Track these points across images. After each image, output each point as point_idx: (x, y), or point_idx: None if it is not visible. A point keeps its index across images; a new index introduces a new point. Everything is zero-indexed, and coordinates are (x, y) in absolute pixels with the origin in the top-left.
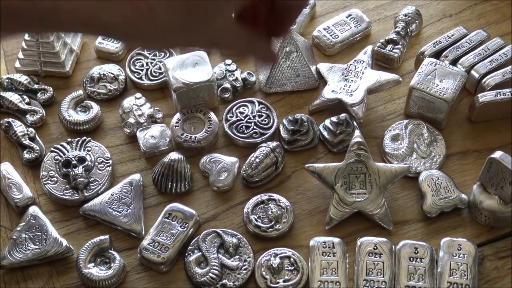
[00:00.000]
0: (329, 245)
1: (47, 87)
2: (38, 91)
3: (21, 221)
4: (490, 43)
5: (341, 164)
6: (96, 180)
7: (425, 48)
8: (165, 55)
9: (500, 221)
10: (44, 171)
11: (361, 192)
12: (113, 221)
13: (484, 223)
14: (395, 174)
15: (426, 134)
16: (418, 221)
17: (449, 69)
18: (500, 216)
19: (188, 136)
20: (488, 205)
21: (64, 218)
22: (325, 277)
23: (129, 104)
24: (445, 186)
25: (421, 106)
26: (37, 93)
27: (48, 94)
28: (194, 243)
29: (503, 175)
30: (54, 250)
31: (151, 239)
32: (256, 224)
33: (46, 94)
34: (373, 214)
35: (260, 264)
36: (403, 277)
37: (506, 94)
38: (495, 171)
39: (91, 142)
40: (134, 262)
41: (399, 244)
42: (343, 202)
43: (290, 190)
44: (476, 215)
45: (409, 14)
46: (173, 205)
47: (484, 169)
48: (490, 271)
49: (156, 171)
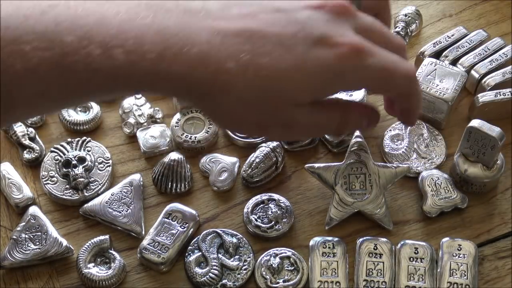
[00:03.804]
0: (329, 245)
1: None
2: None
3: (21, 221)
4: (490, 43)
5: (341, 164)
6: (96, 180)
7: (425, 48)
8: None
9: (487, 186)
10: (44, 171)
11: (361, 192)
12: (113, 221)
13: (472, 192)
14: (395, 175)
15: (426, 134)
16: (418, 221)
17: (449, 69)
18: (486, 182)
19: (188, 136)
20: (473, 172)
21: (64, 218)
22: (325, 277)
23: (129, 104)
24: (445, 186)
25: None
26: None
27: None
28: (194, 243)
29: (484, 142)
30: (54, 250)
31: (151, 239)
32: (256, 224)
33: None
34: (373, 214)
35: (260, 264)
36: (403, 277)
37: (506, 94)
38: (474, 139)
39: (91, 142)
40: (134, 262)
41: (399, 244)
42: (343, 202)
43: (290, 190)
44: (463, 185)
45: (409, 14)
46: (173, 205)
47: (464, 139)
48: (490, 271)
49: (156, 171)
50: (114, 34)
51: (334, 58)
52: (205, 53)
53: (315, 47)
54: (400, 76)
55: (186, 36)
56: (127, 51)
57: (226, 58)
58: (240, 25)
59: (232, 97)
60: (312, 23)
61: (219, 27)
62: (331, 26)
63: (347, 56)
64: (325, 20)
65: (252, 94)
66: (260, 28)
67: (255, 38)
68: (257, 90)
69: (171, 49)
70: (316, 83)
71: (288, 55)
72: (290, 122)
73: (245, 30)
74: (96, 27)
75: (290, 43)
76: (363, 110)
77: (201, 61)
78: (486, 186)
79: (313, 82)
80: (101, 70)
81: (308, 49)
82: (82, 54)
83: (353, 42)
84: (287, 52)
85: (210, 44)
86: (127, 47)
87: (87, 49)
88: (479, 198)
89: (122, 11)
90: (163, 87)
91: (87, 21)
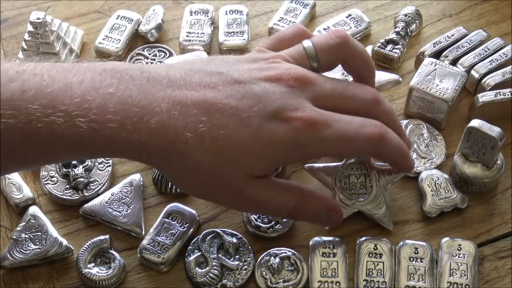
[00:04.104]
0: (329, 245)
1: None
2: None
3: (21, 221)
4: (490, 43)
5: (341, 164)
6: (96, 180)
7: (425, 48)
8: (165, 55)
9: (487, 186)
10: (44, 171)
11: (361, 192)
12: (113, 221)
13: (473, 192)
14: (395, 175)
15: (426, 134)
16: (418, 221)
17: (449, 69)
18: (486, 182)
19: None
20: (473, 172)
21: (64, 218)
22: (325, 277)
23: None
24: (445, 186)
25: (421, 106)
26: None
27: None
28: (194, 243)
29: (483, 142)
30: (54, 250)
31: (151, 239)
32: (256, 224)
33: None
34: (372, 214)
35: (260, 264)
36: (403, 277)
37: (506, 94)
38: (474, 139)
39: None
40: (134, 262)
41: (399, 244)
42: (343, 203)
43: None
44: (463, 185)
45: (409, 14)
46: (173, 205)
47: (464, 139)
48: (490, 271)
49: (156, 171)
50: (78, 103)
51: (288, 132)
52: (164, 123)
53: (270, 121)
54: (362, 142)
55: (147, 105)
56: (89, 120)
57: (184, 129)
58: (199, 96)
59: (189, 164)
60: (268, 96)
61: (179, 97)
62: (287, 99)
63: (301, 130)
64: (281, 92)
65: (208, 161)
66: (218, 100)
67: (212, 110)
68: (214, 158)
69: (131, 119)
70: (270, 155)
71: (244, 127)
72: (244, 195)
73: (203, 101)
74: (60, 96)
75: (246, 116)
76: (324, 205)
77: (159, 130)
78: (486, 186)
79: (267, 154)
80: (64, 137)
81: (262, 122)
82: (47, 122)
83: (307, 116)
84: (243, 124)
85: (169, 114)
86: (90, 116)
87: (51, 117)
88: (479, 198)
89: (87, 79)
90: (124, 153)
91: (52, 89)
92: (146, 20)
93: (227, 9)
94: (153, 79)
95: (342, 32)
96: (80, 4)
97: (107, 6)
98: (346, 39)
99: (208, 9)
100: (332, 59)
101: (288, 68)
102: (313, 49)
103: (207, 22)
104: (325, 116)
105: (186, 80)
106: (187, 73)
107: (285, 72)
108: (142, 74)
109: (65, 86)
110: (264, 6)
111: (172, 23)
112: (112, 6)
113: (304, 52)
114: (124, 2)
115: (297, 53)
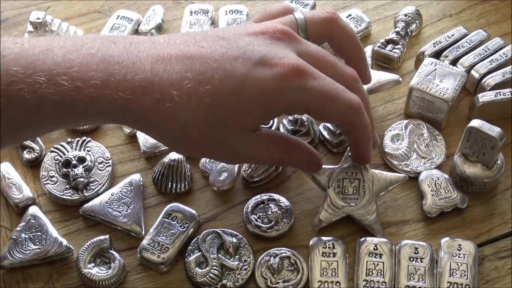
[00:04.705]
0: (329, 245)
1: None
2: None
3: (21, 221)
4: (490, 43)
5: (336, 167)
6: (96, 180)
7: (425, 48)
8: None
9: (487, 186)
10: (44, 171)
11: (353, 197)
12: (113, 221)
13: (473, 192)
14: (389, 183)
15: (426, 134)
16: (418, 221)
17: (449, 69)
18: (486, 182)
19: None
20: (473, 172)
21: (64, 218)
22: (325, 277)
23: None
24: (445, 186)
25: (421, 106)
26: None
27: None
28: (194, 243)
29: (484, 142)
30: (54, 250)
31: (151, 239)
32: (256, 224)
33: None
34: (362, 220)
35: (260, 264)
36: (403, 277)
37: (506, 94)
38: (474, 139)
39: (91, 142)
40: (134, 262)
41: (399, 244)
42: (334, 205)
43: (290, 190)
44: (463, 185)
45: (409, 14)
46: (173, 205)
47: (464, 139)
48: (490, 271)
49: (156, 171)
50: (59, 63)
51: (274, 78)
52: (148, 80)
53: (256, 68)
54: (343, 104)
55: (130, 64)
56: (72, 78)
57: (169, 86)
58: (183, 53)
59: (178, 126)
60: (253, 47)
61: (162, 55)
62: (272, 48)
63: (288, 76)
64: (266, 44)
65: (198, 123)
66: (202, 54)
67: (196, 65)
68: (202, 119)
69: (115, 76)
70: (258, 107)
71: (229, 79)
72: (236, 153)
73: (187, 58)
74: (41, 57)
75: (231, 67)
76: (308, 157)
77: (144, 88)
78: (486, 186)
79: (255, 106)
80: (47, 97)
81: (248, 70)
82: (28, 82)
83: (294, 63)
84: (228, 76)
85: (153, 72)
86: (72, 74)
87: (33, 77)
88: (479, 198)
89: (68, 43)
90: (110, 114)
91: (33, 52)
92: (146, 20)
93: (227, 9)
94: (136, 43)
95: (332, 10)
96: (80, 4)
97: (107, 6)
98: (336, 15)
99: (208, 9)
100: (320, 33)
101: (273, 23)
102: (304, 19)
103: (207, 22)
104: (312, 69)
105: (170, 42)
106: (170, 37)
107: (270, 25)
108: (125, 39)
109: (46, 49)
110: (264, 6)
111: (172, 23)
112: (112, 6)
113: (295, 21)
114: (124, 2)
115: (288, 22)
